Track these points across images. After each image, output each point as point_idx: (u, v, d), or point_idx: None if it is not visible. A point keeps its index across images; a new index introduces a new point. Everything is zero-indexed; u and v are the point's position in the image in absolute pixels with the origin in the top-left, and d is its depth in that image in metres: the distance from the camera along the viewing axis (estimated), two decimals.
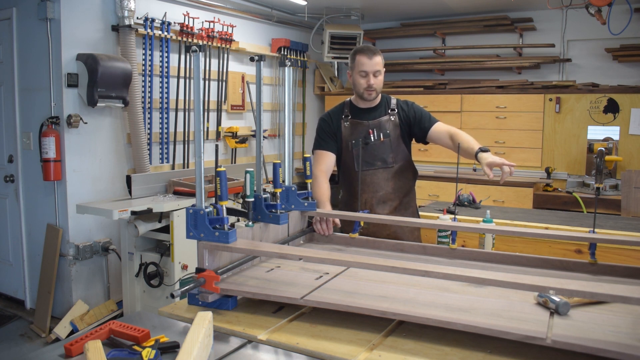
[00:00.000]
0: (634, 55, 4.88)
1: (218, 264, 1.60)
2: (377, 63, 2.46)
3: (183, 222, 2.50)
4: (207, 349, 1.25)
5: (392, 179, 2.55)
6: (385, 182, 2.54)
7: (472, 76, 5.78)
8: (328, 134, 2.59)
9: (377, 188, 2.53)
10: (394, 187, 2.55)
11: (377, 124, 2.54)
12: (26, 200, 4.01)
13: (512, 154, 5.20)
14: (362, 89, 2.49)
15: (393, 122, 2.55)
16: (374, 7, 5.60)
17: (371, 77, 2.46)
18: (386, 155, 2.53)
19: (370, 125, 2.53)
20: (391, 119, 2.55)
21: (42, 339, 3.61)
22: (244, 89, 5.20)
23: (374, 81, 2.47)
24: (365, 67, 2.45)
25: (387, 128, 2.53)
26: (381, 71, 2.49)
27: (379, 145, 2.52)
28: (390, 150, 2.53)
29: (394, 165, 2.54)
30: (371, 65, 2.45)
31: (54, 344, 1.34)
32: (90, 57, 3.65)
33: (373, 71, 2.45)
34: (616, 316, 1.36)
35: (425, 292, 1.53)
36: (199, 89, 1.57)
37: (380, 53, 2.49)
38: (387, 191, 2.54)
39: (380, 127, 2.53)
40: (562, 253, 2.64)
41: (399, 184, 2.57)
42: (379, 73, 2.47)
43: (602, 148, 3.01)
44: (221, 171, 1.57)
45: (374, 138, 2.52)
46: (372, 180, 2.53)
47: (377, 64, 2.45)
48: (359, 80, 2.49)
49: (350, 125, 2.57)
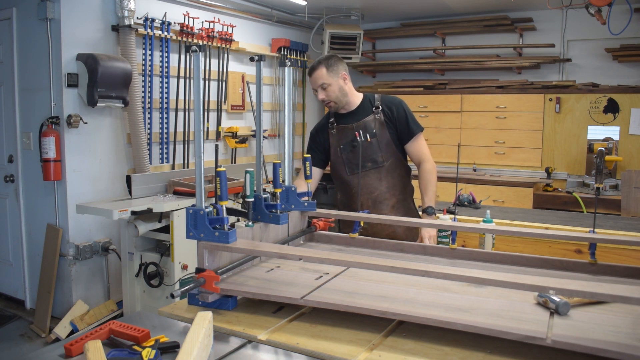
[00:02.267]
0: (634, 55, 4.89)
1: (218, 264, 1.60)
2: (320, 77, 2.46)
3: (183, 222, 2.50)
4: (207, 349, 1.25)
5: (384, 178, 2.53)
6: (378, 182, 2.52)
7: (472, 76, 5.78)
8: (315, 148, 2.64)
9: (371, 189, 2.52)
10: (388, 185, 2.54)
11: (362, 125, 2.52)
12: (26, 200, 4.02)
13: (512, 154, 5.21)
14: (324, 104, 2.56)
15: (378, 121, 2.52)
16: (374, 7, 5.60)
17: (320, 91, 2.49)
18: (375, 155, 2.51)
19: (356, 128, 2.52)
20: (376, 117, 2.53)
21: (42, 339, 3.61)
22: (244, 89, 5.20)
23: (324, 95, 2.49)
24: (312, 84, 2.51)
25: (373, 127, 2.52)
26: (330, 83, 2.47)
27: (367, 145, 2.51)
28: (379, 150, 2.51)
29: (385, 163, 2.53)
30: (314, 82, 2.50)
31: (54, 344, 1.34)
32: (90, 57, 3.65)
33: (317, 86, 2.48)
34: (616, 316, 1.36)
35: (425, 292, 1.53)
36: (199, 89, 1.56)
37: (326, 64, 2.47)
38: (381, 191, 2.53)
39: (365, 127, 2.52)
40: (562, 253, 2.64)
41: (393, 182, 2.55)
42: (326, 85, 2.47)
43: (602, 148, 3.01)
44: (221, 171, 1.57)
45: (360, 139, 2.50)
46: (365, 182, 2.52)
47: (319, 79, 2.46)
48: (317, 97, 2.56)
49: (337, 131, 2.57)
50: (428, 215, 2.35)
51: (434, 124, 5.50)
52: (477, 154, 5.35)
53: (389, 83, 6.09)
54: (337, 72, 2.49)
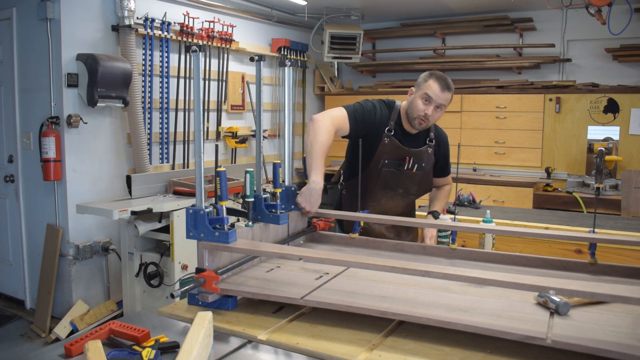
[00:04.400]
0: (634, 55, 4.88)
1: (218, 264, 1.60)
2: (447, 99, 2.28)
3: (183, 222, 2.50)
4: (207, 349, 1.25)
5: (405, 207, 2.54)
6: (398, 208, 2.51)
7: (472, 76, 5.77)
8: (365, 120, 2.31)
9: (387, 210, 2.47)
10: (402, 212, 2.54)
11: (416, 154, 2.40)
12: (26, 200, 4.02)
13: (512, 154, 5.21)
14: (417, 114, 2.30)
15: (429, 156, 2.44)
16: (374, 7, 5.60)
17: (432, 107, 2.28)
18: (411, 187, 2.45)
19: (410, 153, 2.38)
20: (429, 151, 2.44)
21: (42, 339, 3.61)
22: (244, 89, 5.20)
23: (432, 113, 2.28)
24: (432, 95, 2.25)
25: (423, 160, 2.42)
26: (444, 108, 2.31)
27: (410, 175, 2.41)
28: (418, 182, 2.45)
29: (414, 196, 2.52)
30: (440, 97, 2.26)
31: (54, 344, 1.34)
32: (90, 57, 3.65)
33: (437, 103, 2.27)
34: (616, 316, 1.36)
35: (425, 292, 1.53)
36: (199, 89, 1.56)
37: (453, 91, 2.32)
38: (394, 213, 2.49)
39: (418, 157, 2.40)
40: (562, 253, 2.64)
41: (407, 209, 2.57)
42: (442, 108, 2.30)
43: (602, 148, 3.01)
44: (221, 171, 1.57)
45: (407, 167, 2.38)
46: (387, 203, 2.48)
47: (446, 100, 2.28)
48: (418, 104, 2.29)
49: (391, 142, 2.37)
50: (434, 218, 2.36)
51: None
52: (477, 154, 5.35)
53: (389, 83, 6.08)
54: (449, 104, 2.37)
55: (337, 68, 6.43)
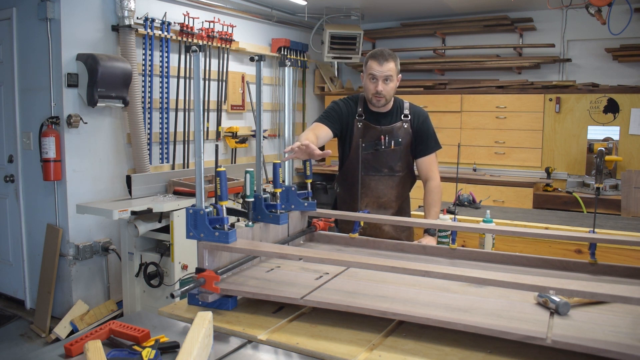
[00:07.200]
0: (634, 55, 4.88)
1: (218, 264, 1.60)
2: (389, 69, 2.36)
3: (183, 222, 2.50)
4: (207, 349, 1.25)
5: (396, 187, 2.53)
6: (389, 190, 2.52)
7: (472, 76, 5.78)
8: (335, 117, 2.49)
9: (380, 194, 2.51)
10: (397, 194, 2.54)
11: (389, 130, 2.48)
12: (26, 200, 4.02)
13: (512, 154, 5.21)
14: (370, 94, 2.42)
15: (405, 130, 2.49)
16: (374, 7, 5.60)
17: (380, 83, 2.37)
18: (394, 163, 2.49)
19: (383, 131, 2.47)
20: (404, 126, 2.49)
21: (42, 339, 3.61)
22: (244, 89, 5.20)
23: (383, 87, 2.38)
24: (375, 72, 2.36)
25: (399, 135, 2.48)
26: (393, 78, 2.39)
27: (389, 152, 2.47)
28: (399, 159, 2.49)
29: (400, 173, 2.53)
30: (381, 71, 2.36)
31: (54, 344, 1.34)
32: (90, 57, 3.65)
33: (382, 77, 2.37)
34: (616, 316, 1.36)
35: (425, 292, 1.53)
36: (199, 89, 1.56)
37: (396, 59, 2.39)
38: (389, 198, 2.52)
39: (392, 133, 2.48)
40: (562, 253, 2.64)
41: (401, 191, 2.57)
42: (390, 80, 2.38)
43: (602, 148, 3.00)
44: (221, 171, 1.57)
45: (384, 145, 2.46)
46: (377, 186, 2.50)
47: (388, 70, 2.36)
48: (368, 85, 2.42)
49: (363, 126, 2.50)
50: (430, 235, 2.32)
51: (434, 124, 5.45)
52: (477, 154, 5.35)
53: None
54: (399, 71, 2.44)
55: (337, 68, 6.43)
